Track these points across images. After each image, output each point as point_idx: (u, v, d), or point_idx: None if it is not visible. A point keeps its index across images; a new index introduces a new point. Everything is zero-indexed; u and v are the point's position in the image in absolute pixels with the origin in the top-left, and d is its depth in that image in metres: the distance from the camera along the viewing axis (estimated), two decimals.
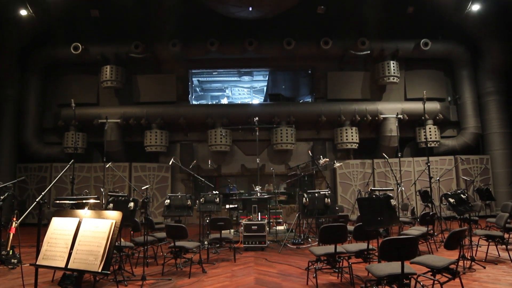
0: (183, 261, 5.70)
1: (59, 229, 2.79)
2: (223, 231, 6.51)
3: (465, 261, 5.15)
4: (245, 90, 16.73)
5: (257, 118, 9.27)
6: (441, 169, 11.48)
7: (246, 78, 15.37)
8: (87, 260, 2.57)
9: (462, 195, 5.93)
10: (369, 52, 11.66)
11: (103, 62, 11.63)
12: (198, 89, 15.80)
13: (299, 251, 7.03)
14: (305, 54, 12.08)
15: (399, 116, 10.99)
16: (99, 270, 2.52)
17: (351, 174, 11.72)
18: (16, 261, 5.82)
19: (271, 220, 8.62)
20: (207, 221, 7.30)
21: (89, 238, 2.66)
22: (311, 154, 9.84)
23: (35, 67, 11.91)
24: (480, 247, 6.14)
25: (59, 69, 12.31)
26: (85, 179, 11.36)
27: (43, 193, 3.18)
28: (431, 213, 6.58)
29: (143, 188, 6.73)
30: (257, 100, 16.18)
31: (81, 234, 2.70)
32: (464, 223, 6.87)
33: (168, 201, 7.41)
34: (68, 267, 2.61)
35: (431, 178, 8.11)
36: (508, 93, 11.83)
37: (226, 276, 5.27)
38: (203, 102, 15.65)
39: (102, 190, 8.96)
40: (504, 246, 5.81)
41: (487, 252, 5.77)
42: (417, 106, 11.41)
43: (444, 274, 3.74)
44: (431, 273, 3.75)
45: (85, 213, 2.81)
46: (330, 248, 4.59)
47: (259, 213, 8.28)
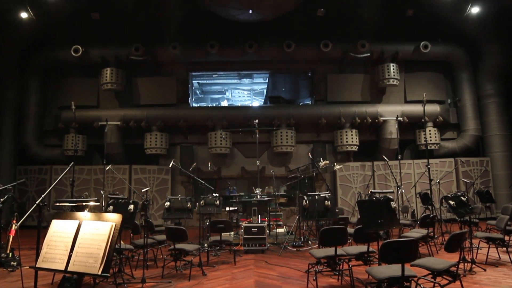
0: (183, 263, 5.69)
1: (59, 231, 2.79)
2: (223, 233, 6.50)
3: (465, 264, 5.14)
4: (245, 93, 16.75)
5: (257, 120, 9.28)
6: (441, 172, 11.48)
7: (246, 80, 15.38)
8: (86, 262, 2.57)
9: (462, 198, 5.93)
10: (369, 54, 11.67)
11: (103, 64, 11.65)
12: (198, 92, 15.81)
13: (299, 253, 7.02)
14: (305, 57, 12.10)
15: (399, 118, 10.99)
16: (99, 273, 2.52)
17: (351, 176, 11.72)
18: (15, 263, 5.81)
19: (271, 223, 8.60)
20: (207, 223, 7.29)
21: (89, 241, 2.65)
22: (311, 157, 9.86)
23: (36, 70, 11.92)
24: (481, 249, 6.12)
25: (59, 71, 12.33)
26: (85, 182, 11.35)
27: (43, 195, 3.18)
28: (431, 215, 6.57)
29: (143, 190, 6.74)
30: (257, 102, 16.19)
31: (81, 236, 2.70)
32: (465, 225, 6.86)
33: (168, 203, 7.40)
34: (68, 269, 2.61)
35: (431, 180, 8.12)
36: (508, 95, 11.84)
37: (226, 278, 5.26)
38: (203, 104, 15.67)
39: (102, 192, 8.96)
40: (504, 249, 5.80)
41: (487, 255, 5.76)
42: (417, 109, 11.41)
43: (444, 276, 3.73)
44: (431, 275, 3.74)
45: (85, 216, 2.81)
46: (330, 251, 4.58)
47: (259, 216, 8.28)
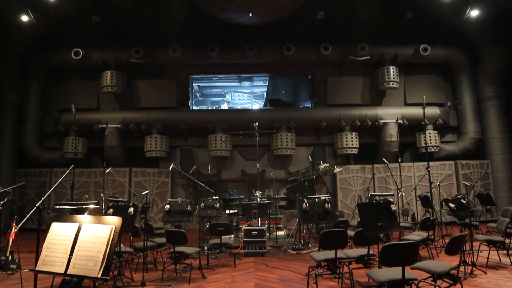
0: (182, 266, 5.67)
1: (59, 234, 2.78)
2: (223, 236, 6.49)
3: (466, 267, 5.13)
4: (245, 96, 16.77)
5: (257, 123, 9.28)
6: (441, 174, 11.47)
7: (246, 83, 15.41)
8: (86, 265, 2.57)
9: (463, 200, 5.92)
10: (368, 57, 11.69)
11: (103, 67, 11.67)
12: (198, 95, 15.84)
13: (299, 256, 7.01)
14: (305, 60, 12.13)
15: (399, 121, 10.99)
16: (99, 276, 2.51)
17: (351, 179, 11.71)
18: (15, 266, 5.80)
19: (271, 226, 8.58)
20: (207, 226, 7.28)
21: (88, 244, 2.65)
22: (311, 159, 9.85)
23: (36, 72, 11.95)
24: (481, 252, 6.12)
25: (59, 74, 12.35)
26: (85, 184, 11.35)
27: (43, 198, 3.18)
28: (431, 218, 6.57)
29: (143, 193, 6.71)
30: (257, 105, 16.21)
31: (80, 239, 2.69)
32: (465, 228, 6.86)
33: (168, 206, 7.39)
34: (68, 272, 2.61)
35: (431, 183, 8.11)
36: (508, 98, 11.86)
37: (226, 281, 5.24)
38: (203, 107, 15.68)
39: (102, 195, 8.96)
40: (505, 251, 5.80)
41: (488, 258, 5.75)
42: (417, 111, 11.42)
43: (445, 279, 3.72)
44: (432, 278, 3.74)
45: (84, 219, 2.81)
46: (331, 254, 4.57)
47: (259, 219, 8.26)
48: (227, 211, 9.12)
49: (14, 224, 6.01)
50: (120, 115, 11.80)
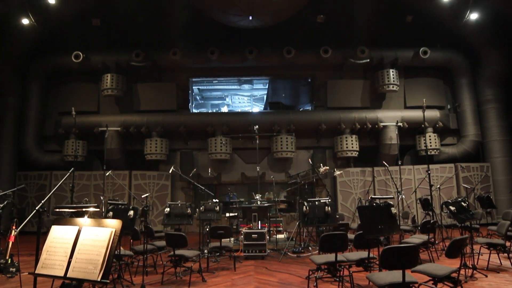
0: (182, 270, 5.66)
1: (59, 237, 2.78)
2: (223, 239, 6.47)
3: (466, 270, 5.11)
4: (245, 99, 16.78)
5: (257, 126, 9.29)
6: (441, 177, 11.47)
7: (246, 86, 15.42)
8: (86, 269, 2.56)
9: (463, 203, 5.92)
10: (368, 60, 11.72)
11: (104, 70, 11.69)
12: (198, 98, 15.85)
13: (299, 259, 6.99)
14: (305, 63, 12.16)
15: (399, 124, 11.00)
16: (98, 279, 2.50)
17: (351, 182, 11.70)
18: (14, 269, 5.78)
19: (271, 229, 8.57)
20: (207, 229, 7.26)
21: (88, 247, 2.64)
22: (311, 162, 9.85)
23: (36, 75, 11.97)
24: (482, 255, 6.10)
25: (60, 77, 12.37)
26: (85, 187, 11.34)
27: (42, 201, 3.18)
28: (432, 221, 6.55)
29: (143, 196, 6.73)
30: (257, 108, 16.22)
31: (80, 242, 2.69)
32: (465, 231, 6.85)
33: (168, 209, 7.38)
34: (67, 276, 2.60)
35: (431, 186, 8.09)
36: (508, 100, 11.87)
37: (226, 285, 5.23)
38: (203, 110, 15.69)
39: (102, 198, 8.95)
40: (506, 255, 5.78)
41: (488, 261, 5.74)
42: (416, 114, 11.43)
43: (445, 282, 3.72)
44: (432, 282, 3.72)
45: (84, 222, 2.80)
46: (331, 257, 4.56)
47: (259, 222, 8.25)
48: (227, 214, 9.10)
49: (14, 227, 6.00)
50: (120, 118, 11.81)
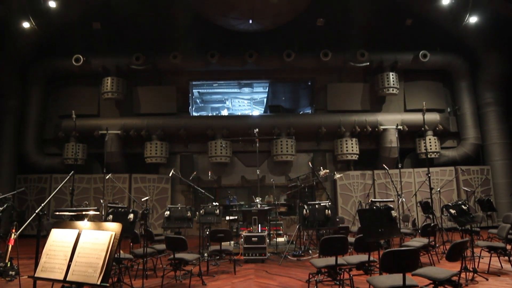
0: (182, 273, 5.64)
1: (58, 240, 2.77)
2: (223, 243, 6.47)
3: (467, 273, 5.10)
4: (245, 102, 16.80)
5: (257, 129, 9.29)
6: (441, 180, 11.45)
7: (246, 89, 15.45)
8: (86, 272, 2.55)
9: (463, 206, 5.92)
10: (368, 63, 11.73)
11: (104, 73, 11.71)
12: (198, 101, 15.87)
13: (299, 263, 6.97)
14: (305, 66, 12.19)
15: (399, 127, 11.00)
16: (98, 283, 2.50)
17: (351, 185, 11.69)
18: (14, 273, 5.76)
19: (271, 232, 8.55)
20: (207, 233, 7.25)
21: (88, 250, 2.64)
22: (311, 166, 9.84)
23: (37, 78, 11.99)
24: (482, 258, 6.09)
25: (60, 80, 12.40)
26: (84, 191, 11.33)
27: (42, 204, 3.17)
28: (432, 224, 6.55)
29: (143, 199, 6.70)
30: (257, 111, 16.23)
31: (80, 246, 2.68)
32: (466, 234, 6.83)
33: (168, 212, 7.37)
34: (67, 279, 2.59)
35: (431, 189, 8.09)
36: (507, 103, 11.88)
37: None
38: (204, 113, 15.70)
39: (102, 201, 8.93)
40: (506, 258, 5.77)
41: (489, 264, 5.72)
42: (416, 117, 11.42)
43: (446, 286, 3.71)
44: (433, 285, 3.72)
45: (84, 225, 2.80)
46: (331, 260, 4.55)
47: (259, 225, 8.23)
48: (227, 217, 9.09)
49: (14, 231, 5.99)
50: (120, 121, 11.82)
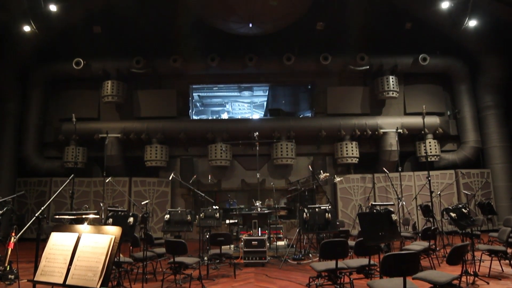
0: (182, 277, 5.63)
1: (58, 244, 2.77)
2: (223, 246, 6.45)
3: (468, 277, 5.09)
4: (245, 105, 16.82)
5: (257, 133, 9.30)
6: (441, 183, 11.45)
7: (246, 93, 15.47)
8: (85, 276, 2.55)
9: (464, 210, 5.91)
10: (368, 67, 11.76)
11: (104, 77, 11.74)
12: (198, 104, 15.89)
13: (300, 266, 6.95)
14: (305, 70, 12.21)
15: (399, 130, 11.01)
16: (98, 287, 2.49)
17: (351, 188, 11.68)
18: (13, 277, 5.74)
19: (271, 236, 8.54)
20: (207, 236, 7.24)
21: (88, 254, 2.63)
22: (311, 169, 9.83)
23: (37, 82, 12.01)
24: (483, 262, 6.06)
25: (60, 84, 12.42)
26: (84, 194, 11.32)
27: (42, 208, 3.17)
28: (432, 227, 6.53)
29: (142, 203, 6.71)
30: (257, 115, 16.25)
31: (80, 249, 2.68)
32: (466, 237, 6.82)
33: (168, 216, 7.35)
34: (67, 283, 2.58)
35: (432, 192, 8.08)
36: (507, 107, 11.90)
37: None
38: (204, 117, 15.72)
39: (102, 205, 8.92)
40: (507, 261, 5.75)
41: (490, 267, 5.71)
42: (416, 121, 11.44)
43: None
44: None
45: (84, 228, 2.79)
46: (331, 264, 4.54)
47: (259, 228, 8.22)
48: (227, 221, 9.07)
49: (13, 234, 5.98)
50: (120, 124, 11.83)
